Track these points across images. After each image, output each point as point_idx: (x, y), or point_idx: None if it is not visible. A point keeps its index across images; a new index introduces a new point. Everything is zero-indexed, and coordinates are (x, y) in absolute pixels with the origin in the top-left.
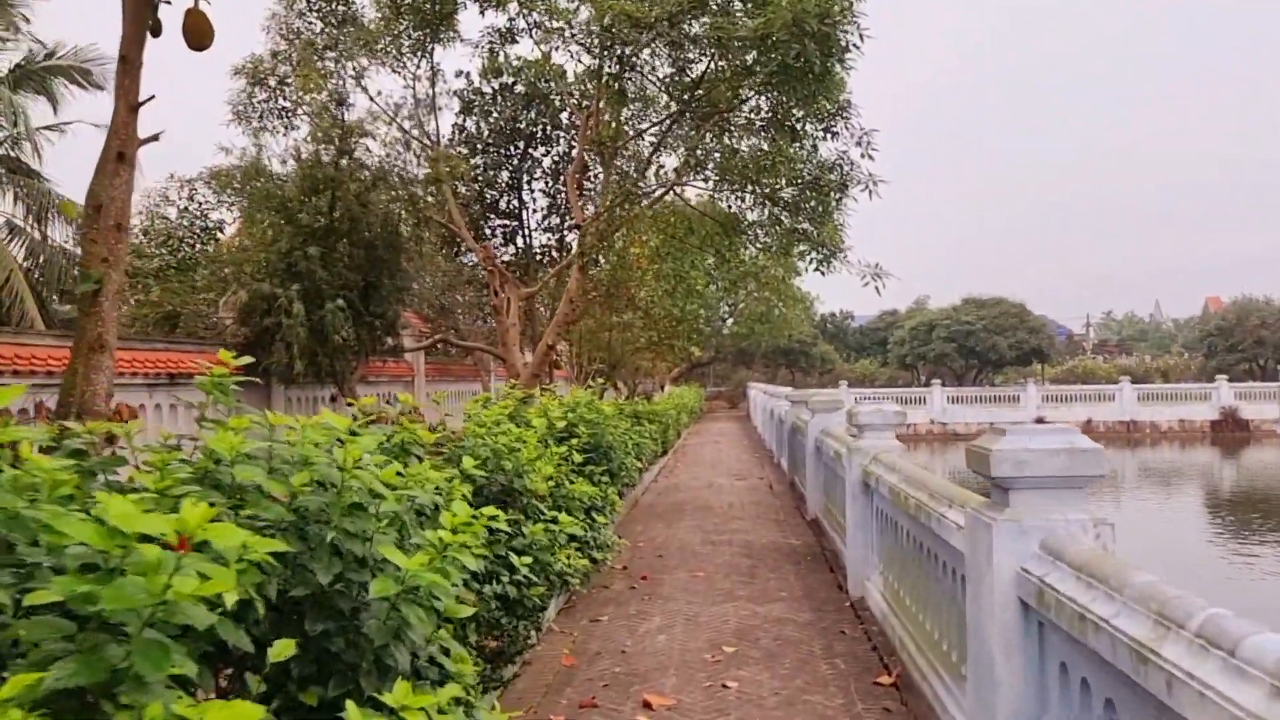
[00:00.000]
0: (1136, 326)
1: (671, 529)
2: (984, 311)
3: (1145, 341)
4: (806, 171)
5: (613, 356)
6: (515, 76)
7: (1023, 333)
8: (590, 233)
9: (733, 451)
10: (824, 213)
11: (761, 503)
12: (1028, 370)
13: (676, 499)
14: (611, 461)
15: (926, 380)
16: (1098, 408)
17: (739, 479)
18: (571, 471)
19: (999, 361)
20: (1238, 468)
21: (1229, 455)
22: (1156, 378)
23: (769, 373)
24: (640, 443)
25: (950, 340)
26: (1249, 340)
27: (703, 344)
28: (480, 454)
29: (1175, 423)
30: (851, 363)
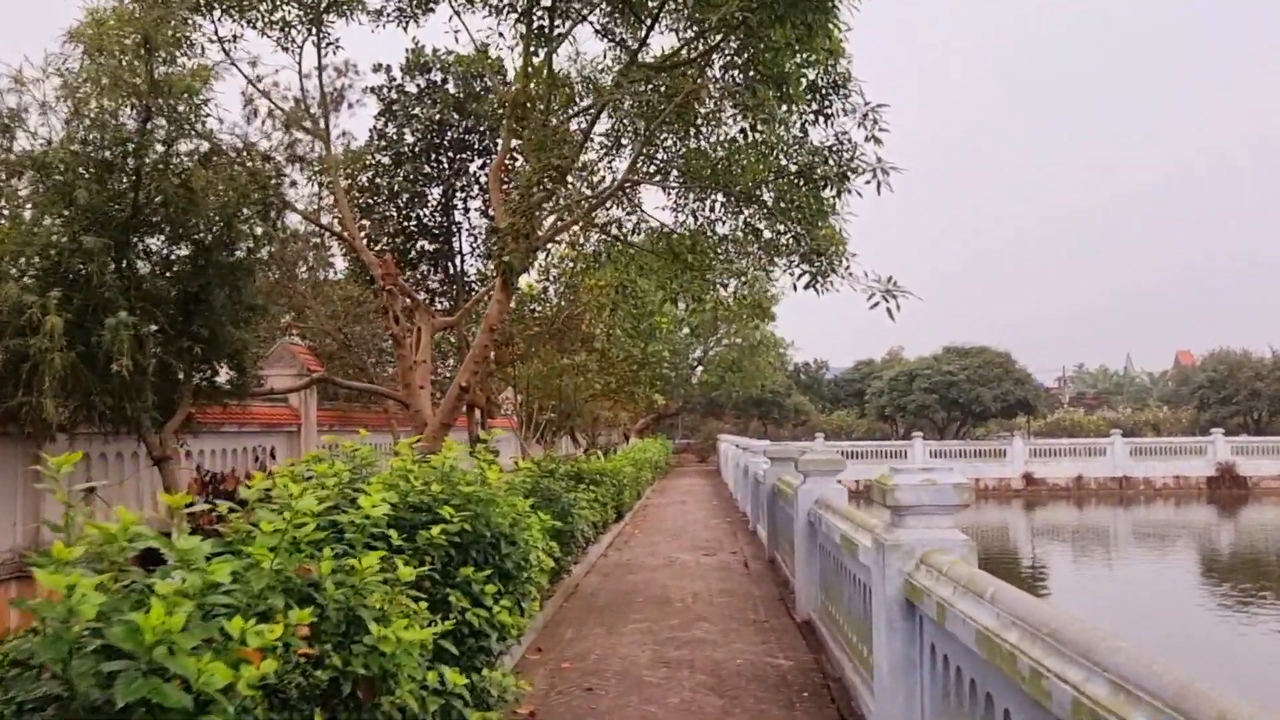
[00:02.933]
0: (1111, 380)
1: (613, 636)
2: (966, 361)
3: (1121, 395)
4: (793, 161)
5: (566, 404)
6: (445, 73)
7: (1008, 384)
8: (508, 233)
9: (701, 515)
10: (817, 212)
11: (735, 591)
12: (1011, 423)
13: (627, 584)
14: (507, 559)
15: (906, 433)
16: (1088, 463)
17: (707, 553)
18: (416, 589)
19: (983, 413)
20: (1236, 529)
21: (1227, 514)
22: (1147, 431)
23: (740, 424)
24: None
25: (932, 391)
26: (1243, 393)
27: (669, 392)
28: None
29: (1170, 479)
30: (827, 414)
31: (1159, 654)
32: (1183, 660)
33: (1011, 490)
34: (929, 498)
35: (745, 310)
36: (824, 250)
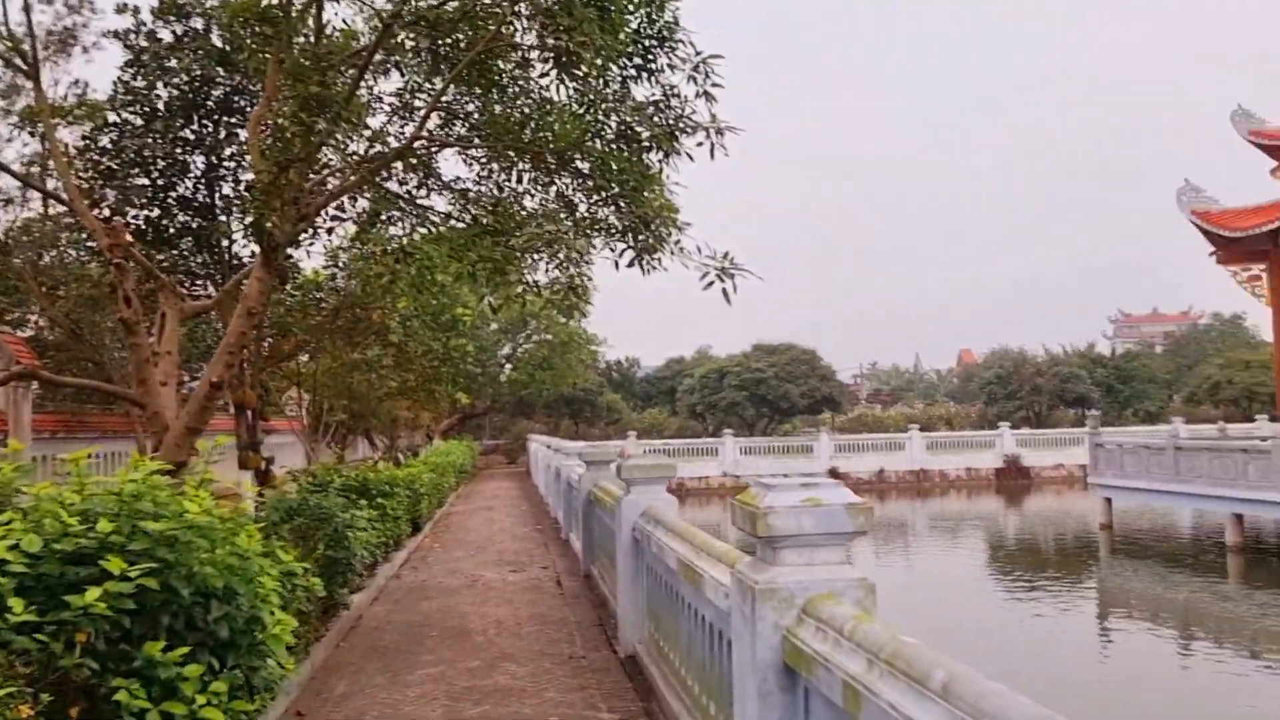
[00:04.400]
0: (903, 377)
1: (397, 689)
2: (775, 358)
3: (913, 391)
4: (613, 120)
5: (360, 404)
6: (208, 20)
7: (814, 380)
8: (264, 189)
9: (509, 522)
10: (642, 179)
11: (547, 617)
12: (817, 419)
13: (420, 613)
14: (221, 624)
15: (716, 430)
16: (889, 457)
17: (515, 569)
18: (57, 690)
19: (790, 410)
20: (1021, 515)
21: (1013, 503)
22: (940, 426)
23: (551, 424)
24: (343, 550)
25: (742, 389)
26: (1026, 388)
27: (475, 391)
28: None
29: (963, 471)
30: (639, 412)
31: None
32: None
33: None
34: (813, 524)
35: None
36: (650, 221)
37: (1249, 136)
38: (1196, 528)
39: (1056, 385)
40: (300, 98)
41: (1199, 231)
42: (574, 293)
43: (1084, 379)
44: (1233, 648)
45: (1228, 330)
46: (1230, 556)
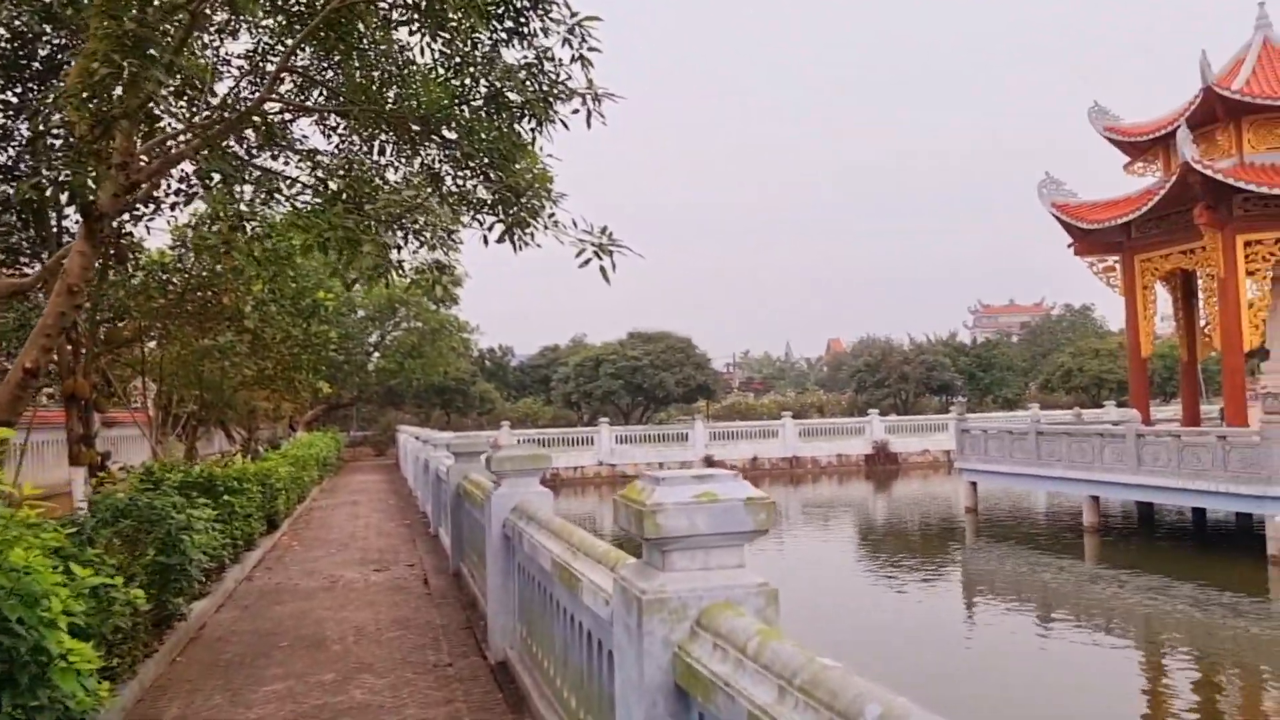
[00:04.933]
0: (775, 365)
1: (235, 710)
2: (650, 347)
3: (784, 379)
4: (482, 85)
5: (213, 395)
6: None
7: (689, 369)
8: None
9: (375, 518)
10: (514, 148)
11: (411, 621)
12: (692, 407)
13: (271, 619)
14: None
15: (591, 419)
16: (762, 444)
17: (379, 568)
18: None
19: (666, 398)
20: (891, 500)
21: (882, 488)
22: (812, 413)
23: (422, 414)
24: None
25: (617, 377)
26: (893, 376)
27: (340, 380)
28: None
29: (834, 458)
30: (513, 402)
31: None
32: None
33: None
34: (709, 522)
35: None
36: (522, 193)
37: (1104, 132)
38: (1056, 509)
39: (922, 373)
40: (113, 35)
41: (1059, 223)
42: (441, 271)
43: (948, 367)
44: (1088, 623)
45: (1078, 320)
46: (1087, 537)
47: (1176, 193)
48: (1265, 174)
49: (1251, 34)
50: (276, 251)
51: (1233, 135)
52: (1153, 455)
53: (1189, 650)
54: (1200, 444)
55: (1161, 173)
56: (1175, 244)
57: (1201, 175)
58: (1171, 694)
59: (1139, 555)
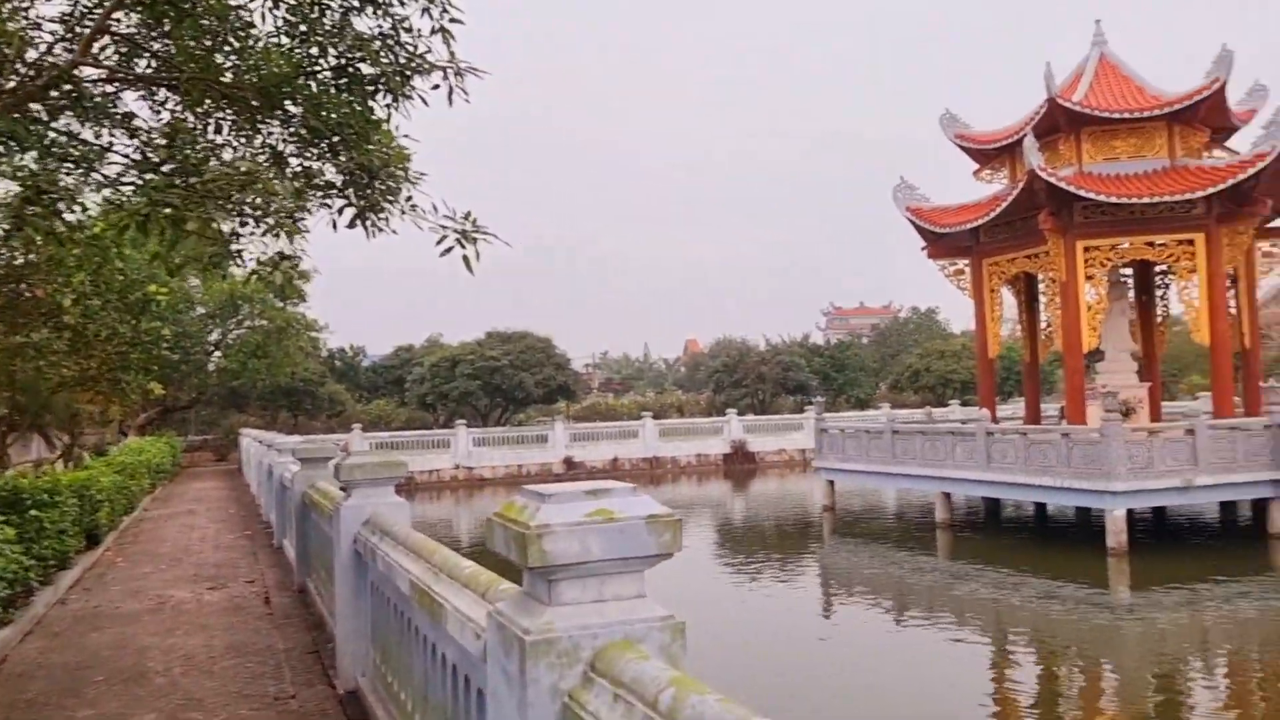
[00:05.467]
0: (633, 366)
1: None
2: (509, 346)
3: (643, 380)
4: (331, 57)
5: (27, 397)
6: None
7: (549, 369)
8: None
9: (212, 529)
10: (366, 125)
11: (249, 646)
12: (552, 408)
13: (85, 649)
14: None
15: (448, 421)
16: (623, 445)
17: (214, 586)
18: None
19: (525, 399)
20: (751, 499)
21: (741, 487)
22: (672, 413)
23: (268, 417)
24: None
25: (475, 377)
26: (751, 377)
27: (177, 381)
28: None
29: (694, 457)
30: (365, 404)
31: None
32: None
33: (553, 475)
34: (605, 546)
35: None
36: (376, 173)
37: (955, 139)
38: (910, 506)
39: (779, 373)
40: None
41: (913, 227)
42: (284, 260)
43: (803, 367)
44: (942, 617)
45: (924, 322)
46: (939, 532)
47: (1023, 199)
48: (1103, 183)
49: (1089, 49)
50: (100, 240)
51: (1073, 145)
52: (1001, 453)
53: (1037, 640)
54: (1046, 441)
55: (1008, 180)
56: (1021, 249)
57: (1046, 183)
58: (1019, 683)
59: (988, 549)
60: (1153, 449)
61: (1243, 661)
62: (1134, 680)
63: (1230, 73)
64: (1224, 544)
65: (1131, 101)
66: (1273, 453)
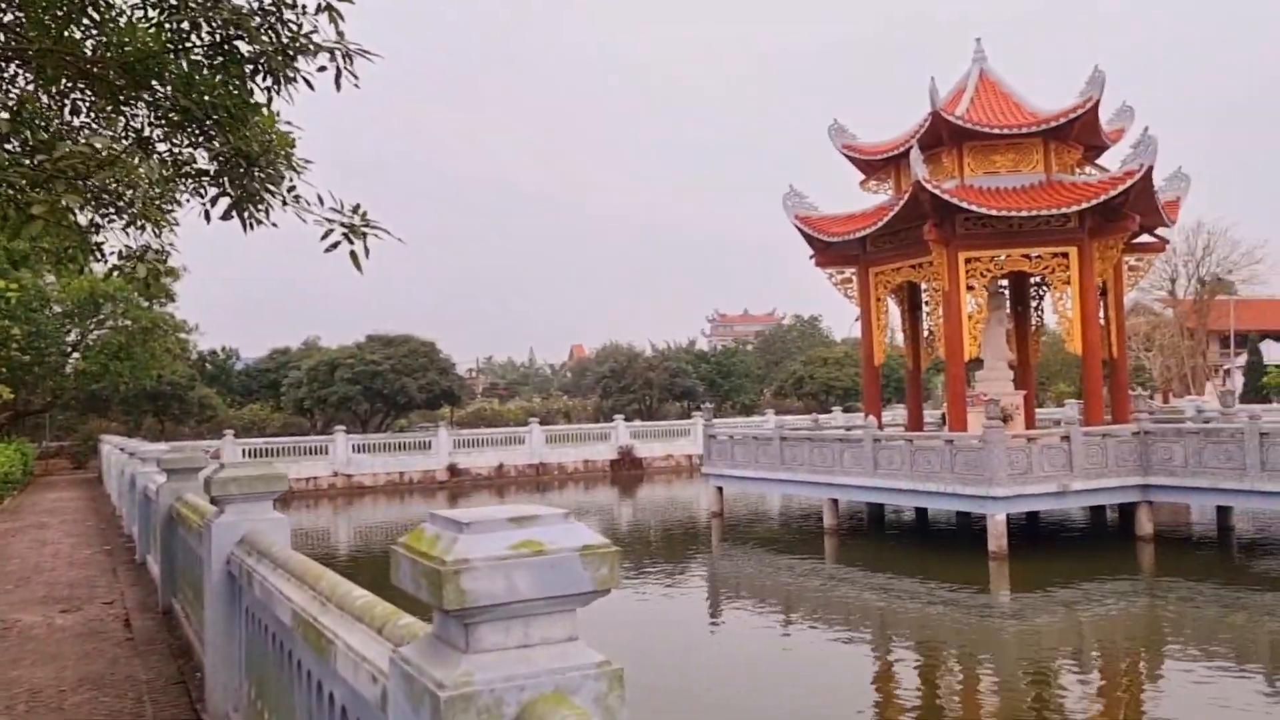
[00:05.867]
0: (519, 371)
1: None
2: (391, 350)
3: (528, 385)
4: (205, 33)
5: None
6: None
7: (433, 373)
8: None
9: (68, 544)
10: (244, 108)
11: (107, 679)
12: (435, 414)
13: None
14: None
15: (326, 427)
16: (509, 451)
17: (67, 609)
18: None
19: (408, 404)
20: (639, 505)
21: (627, 493)
22: (559, 419)
23: (132, 422)
24: None
25: (355, 382)
26: (639, 382)
27: (32, 384)
28: None
29: (581, 463)
30: (238, 409)
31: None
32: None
33: (436, 482)
34: (533, 583)
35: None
36: (254, 159)
37: (842, 150)
38: (798, 512)
39: (666, 379)
40: None
41: (801, 235)
42: (148, 251)
43: (690, 374)
44: (829, 620)
45: (807, 330)
46: (827, 537)
47: (908, 210)
48: (983, 196)
49: (970, 66)
50: None
51: (956, 158)
52: (888, 459)
53: (921, 643)
54: (931, 448)
55: (893, 191)
56: (905, 258)
57: (930, 194)
58: (903, 686)
59: (874, 554)
60: (1031, 455)
61: (1114, 659)
62: (1012, 680)
63: (1102, 92)
64: (1095, 546)
65: (1010, 118)
66: (1140, 458)
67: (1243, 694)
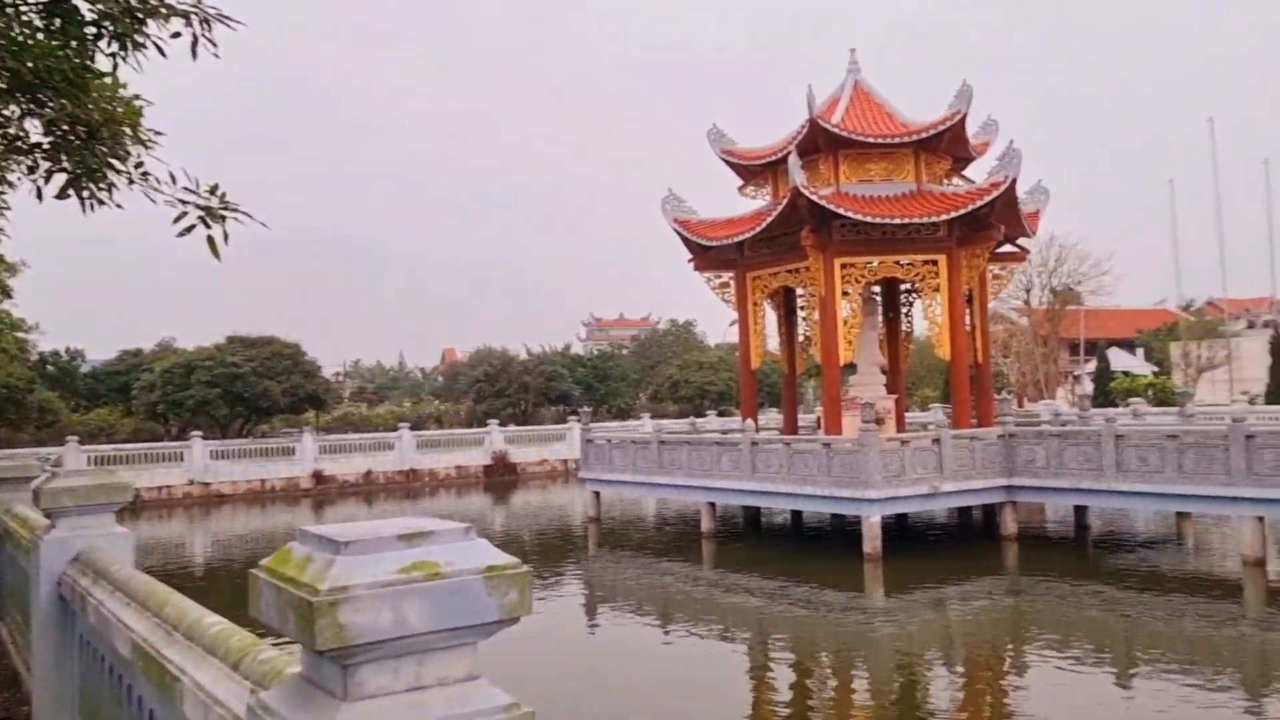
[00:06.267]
0: (388, 375)
1: None
2: (253, 352)
3: (398, 389)
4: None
5: None
6: None
7: (298, 377)
8: None
9: None
10: (84, 74)
11: None
12: (300, 418)
13: None
14: None
15: (181, 432)
16: (378, 457)
17: None
18: None
19: (271, 408)
20: (514, 511)
21: (501, 499)
22: (431, 424)
23: None
24: None
25: (214, 385)
26: (514, 386)
27: None
28: None
29: (453, 469)
30: (83, 413)
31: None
32: None
33: (301, 489)
34: (427, 613)
35: None
36: (96, 130)
37: (721, 155)
38: (676, 516)
39: (542, 383)
40: None
41: (680, 239)
42: None
43: (566, 378)
44: (706, 625)
45: (682, 334)
46: (705, 541)
47: (786, 215)
48: (858, 203)
49: (845, 76)
50: None
51: (832, 166)
52: (765, 462)
53: (797, 646)
54: (808, 451)
55: (770, 196)
56: (783, 264)
57: (808, 200)
58: (778, 689)
59: (751, 557)
60: (905, 458)
61: (982, 656)
62: (886, 679)
63: (970, 106)
64: (963, 546)
65: (883, 127)
66: (1005, 460)
67: (1099, 686)
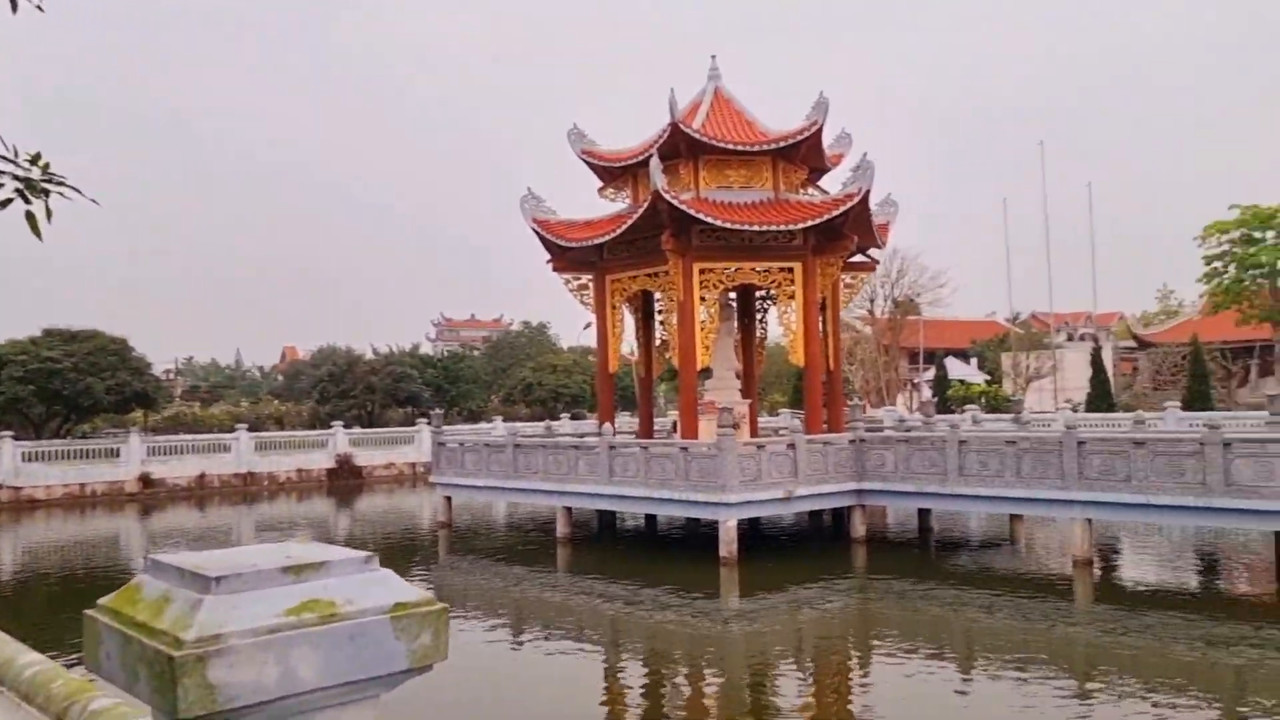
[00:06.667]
0: (224, 373)
1: None
2: (74, 347)
3: (235, 388)
4: None
5: None
6: None
7: (124, 374)
8: None
9: None
10: None
11: None
12: (126, 418)
13: None
14: None
15: None
16: (212, 459)
17: None
18: None
19: (93, 407)
20: (358, 516)
21: (345, 503)
22: (271, 425)
23: None
24: None
25: (27, 381)
26: (360, 387)
27: None
28: None
29: (294, 472)
30: None
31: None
32: None
33: (126, 494)
34: (321, 666)
35: None
36: None
37: (581, 155)
38: (531, 520)
39: (390, 384)
40: None
41: (539, 239)
42: None
43: (415, 378)
44: (560, 630)
45: (536, 336)
46: (560, 546)
47: (647, 219)
48: (718, 209)
49: (705, 83)
50: None
51: (693, 171)
52: (623, 466)
53: (652, 651)
54: (665, 455)
55: (630, 199)
56: (642, 267)
57: (669, 204)
58: (634, 691)
59: (606, 562)
60: (761, 462)
61: (833, 656)
62: (739, 682)
63: (826, 117)
64: (815, 549)
65: (743, 135)
66: (856, 464)
67: (943, 683)
